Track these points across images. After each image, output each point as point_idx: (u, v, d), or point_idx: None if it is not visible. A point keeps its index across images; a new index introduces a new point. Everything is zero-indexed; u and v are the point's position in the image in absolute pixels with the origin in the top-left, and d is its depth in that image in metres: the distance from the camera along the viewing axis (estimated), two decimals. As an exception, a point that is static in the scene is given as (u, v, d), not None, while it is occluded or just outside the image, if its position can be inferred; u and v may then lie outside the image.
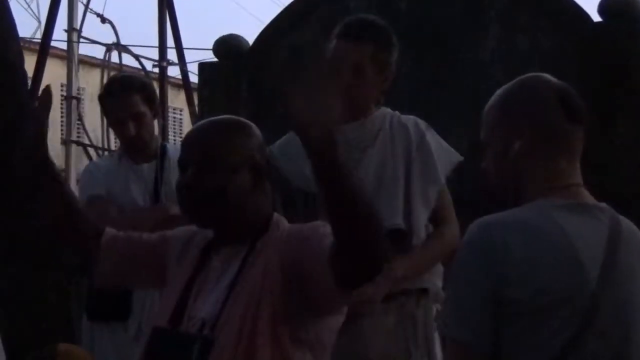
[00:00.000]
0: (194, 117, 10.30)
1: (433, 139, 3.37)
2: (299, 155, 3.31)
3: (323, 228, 2.19)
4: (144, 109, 3.92)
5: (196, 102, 8.98)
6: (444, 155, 3.36)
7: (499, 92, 2.26)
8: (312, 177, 1.95)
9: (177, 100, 16.37)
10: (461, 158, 3.41)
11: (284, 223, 2.42)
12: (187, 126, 17.79)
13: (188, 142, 2.46)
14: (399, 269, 3.20)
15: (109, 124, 4.19)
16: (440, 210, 3.34)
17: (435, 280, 3.35)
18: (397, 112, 3.41)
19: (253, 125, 2.46)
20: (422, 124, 3.40)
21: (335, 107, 1.94)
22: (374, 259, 2.07)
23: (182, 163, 2.42)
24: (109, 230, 2.59)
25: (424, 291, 3.31)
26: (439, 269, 3.36)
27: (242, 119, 2.49)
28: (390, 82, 3.35)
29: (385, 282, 3.16)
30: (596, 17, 5.31)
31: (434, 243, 3.29)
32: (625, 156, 5.04)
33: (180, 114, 19.71)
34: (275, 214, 2.44)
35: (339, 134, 1.97)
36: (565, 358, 2.03)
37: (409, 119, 3.40)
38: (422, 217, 3.29)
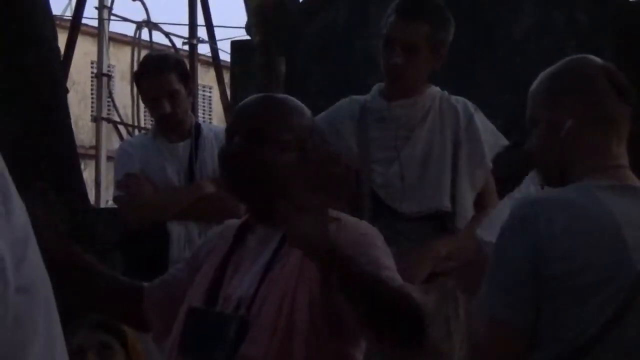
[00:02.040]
0: (224, 95, 10.29)
1: (481, 121, 3.37)
2: (344, 130, 3.33)
3: (376, 250, 2.23)
4: (178, 87, 3.92)
5: (227, 80, 8.98)
6: (491, 138, 3.36)
7: (546, 72, 2.25)
8: (357, 151, 2.00)
9: (206, 78, 16.35)
10: (507, 142, 3.41)
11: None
12: (216, 104, 17.80)
13: (241, 111, 2.45)
14: (442, 250, 3.22)
15: (144, 102, 4.19)
16: (484, 194, 3.34)
17: None
18: (446, 92, 3.40)
19: (306, 108, 2.44)
20: (471, 106, 3.39)
21: (323, 220, 2.07)
22: (405, 343, 2.14)
23: (231, 131, 2.40)
24: (146, 289, 2.51)
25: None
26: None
27: (296, 100, 2.46)
28: (442, 62, 3.34)
29: (427, 263, 3.16)
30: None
31: (476, 225, 3.28)
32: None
33: (210, 92, 19.71)
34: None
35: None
36: (605, 337, 2.02)
37: (458, 100, 3.39)
38: (468, 199, 3.30)
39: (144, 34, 11.37)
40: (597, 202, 2.07)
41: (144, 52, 10.25)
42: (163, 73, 3.91)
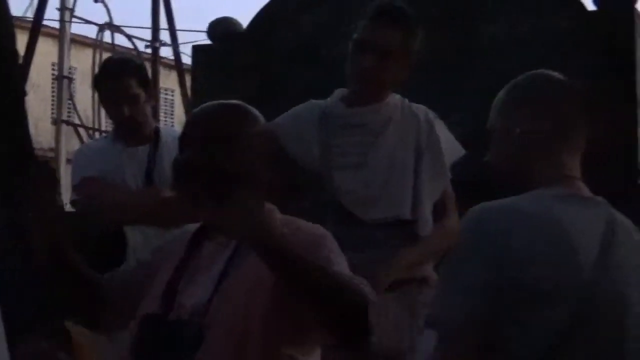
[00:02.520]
0: (186, 98, 10.27)
1: (441, 130, 3.39)
2: (306, 135, 3.32)
3: (326, 250, 2.24)
4: (138, 91, 3.92)
5: (188, 84, 8.95)
6: (450, 148, 3.38)
7: (510, 83, 2.30)
8: (319, 157, 1.99)
9: (168, 81, 16.31)
10: (464, 152, 3.43)
11: (277, 213, 2.41)
12: (178, 107, 17.75)
13: (194, 120, 2.45)
14: (402, 260, 3.22)
15: (103, 106, 4.18)
16: (444, 203, 3.34)
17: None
18: (406, 100, 3.41)
19: (260, 115, 2.45)
20: (432, 114, 3.40)
21: (258, 209, 2.07)
22: (348, 334, 2.13)
23: (182, 140, 2.41)
24: (106, 281, 2.52)
25: (425, 280, 3.31)
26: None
27: (250, 107, 2.47)
28: (410, 72, 3.35)
29: (390, 272, 3.17)
30: (590, 6, 5.32)
31: (437, 235, 3.29)
32: (617, 144, 5.04)
33: (172, 95, 19.66)
34: (268, 204, 2.43)
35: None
36: (559, 346, 2.04)
37: (419, 108, 3.40)
38: (428, 208, 3.30)
39: (106, 36, 11.34)
40: (550, 212, 2.10)
41: (105, 55, 10.21)
42: (123, 77, 3.90)
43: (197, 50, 6.14)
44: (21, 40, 6.03)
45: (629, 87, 5.13)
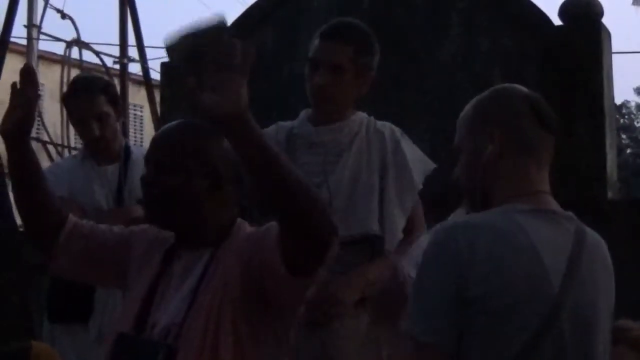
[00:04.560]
0: (155, 114, 10.25)
1: (408, 146, 3.40)
2: None
3: (276, 226, 2.20)
4: (107, 109, 3.91)
5: (157, 100, 8.94)
6: (418, 163, 3.38)
7: (472, 101, 2.31)
8: None
9: (137, 97, 16.25)
10: (434, 166, 3.44)
11: (246, 227, 2.43)
12: (147, 123, 17.69)
13: (154, 139, 2.47)
14: (371, 273, 3.23)
15: (72, 124, 4.16)
16: (412, 218, 3.36)
17: None
18: (372, 118, 3.42)
19: (221, 134, 2.45)
20: (398, 131, 3.41)
21: (240, 89, 1.98)
22: (317, 234, 2.10)
23: (146, 159, 2.45)
24: (72, 219, 2.59)
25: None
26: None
27: (210, 127, 2.48)
28: (368, 87, 3.36)
29: (357, 287, 3.18)
30: (557, 21, 5.37)
31: (405, 250, 3.31)
32: (583, 159, 5.09)
33: (141, 111, 19.60)
34: (239, 220, 2.44)
35: (315, 135, 1.99)
36: (525, 359, 2.05)
37: (385, 126, 3.41)
38: (399, 222, 3.31)
39: (74, 53, 11.28)
40: (517, 226, 2.11)
41: (73, 71, 10.17)
42: (92, 95, 3.89)
43: (165, 68, 6.15)
44: (-12, 58, 6.00)
45: (596, 100, 5.18)
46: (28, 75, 2.52)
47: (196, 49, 2.02)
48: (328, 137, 3.33)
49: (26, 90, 2.50)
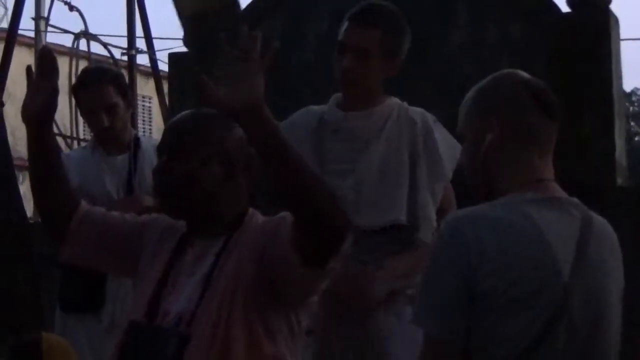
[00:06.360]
0: (163, 106, 10.25)
1: (440, 133, 3.32)
2: (300, 141, 3.23)
3: (290, 216, 2.21)
4: (117, 100, 3.92)
5: (165, 91, 8.95)
6: (450, 150, 3.27)
7: (473, 89, 2.28)
8: (314, 164, 1.99)
9: (146, 88, 16.25)
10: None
11: (259, 217, 2.43)
12: (156, 114, 17.69)
13: (167, 128, 2.48)
14: (399, 267, 3.17)
15: (82, 115, 4.18)
16: (444, 207, 3.25)
17: None
18: (404, 104, 3.36)
19: (234, 122, 2.46)
20: (430, 117, 3.35)
21: (257, 81, 2.03)
22: (329, 226, 2.11)
23: (159, 149, 2.45)
24: (85, 206, 2.58)
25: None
26: None
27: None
28: (397, 70, 3.31)
29: (387, 279, 3.13)
30: (565, 8, 5.35)
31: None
32: (592, 147, 5.08)
33: (150, 102, 19.59)
34: (251, 209, 2.45)
35: (343, 121, 2.01)
36: (536, 350, 2.05)
37: (416, 112, 3.34)
38: (431, 212, 3.24)
39: (82, 45, 11.29)
40: (523, 216, 2.10)
41: (81, 63, 10.18)
42: (101, 86, 3.90)
43: (173, 58, 6.15)
44: (-3, 51, 6.02)
45: (605, 87, 5.16)
46: (46, 58, 2.49)
47: (209, 36, 2.05)
48: (357, 123, 3.28)
49: (46, 74, 2.47)
